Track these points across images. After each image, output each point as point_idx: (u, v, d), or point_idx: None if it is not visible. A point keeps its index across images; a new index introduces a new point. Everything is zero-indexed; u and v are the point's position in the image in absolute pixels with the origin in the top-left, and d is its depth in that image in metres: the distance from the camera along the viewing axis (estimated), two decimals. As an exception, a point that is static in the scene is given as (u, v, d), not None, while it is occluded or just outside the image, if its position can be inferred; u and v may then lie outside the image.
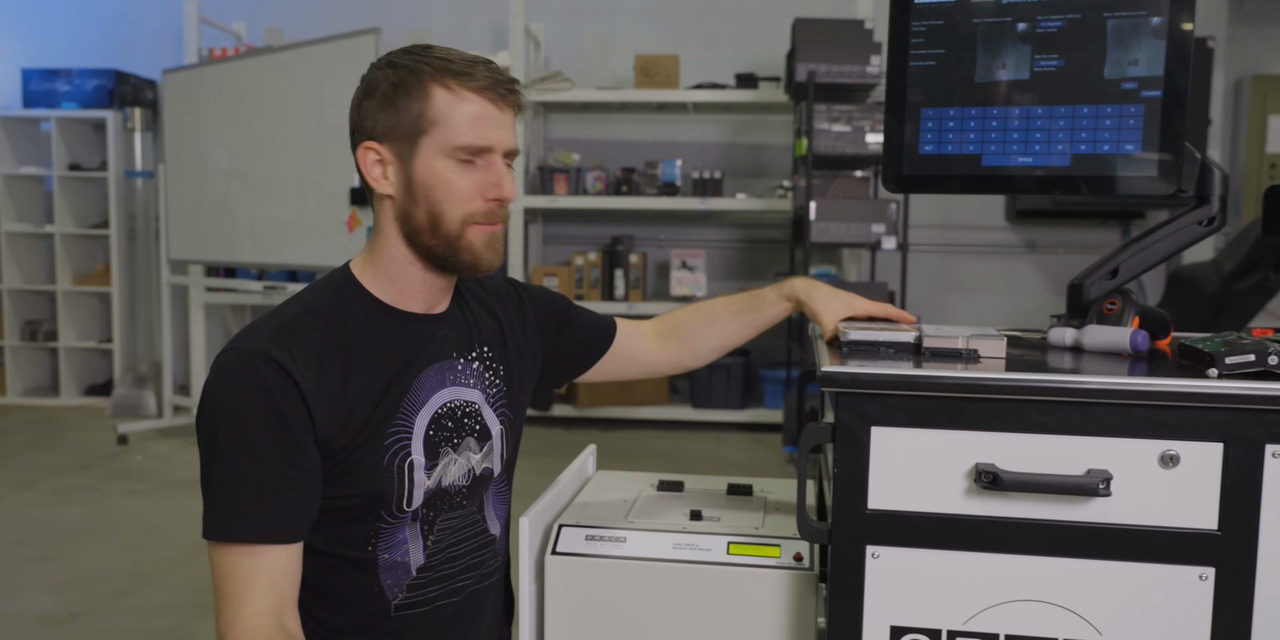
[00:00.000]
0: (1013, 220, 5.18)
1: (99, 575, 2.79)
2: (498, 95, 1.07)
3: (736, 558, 1.12)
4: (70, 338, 5.45)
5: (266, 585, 1.00)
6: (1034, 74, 1.21)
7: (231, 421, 1.01)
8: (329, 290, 1.12)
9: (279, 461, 1.01)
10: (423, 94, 1.06)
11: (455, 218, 1.08)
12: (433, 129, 1.06)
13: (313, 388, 1.03)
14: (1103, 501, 0.96)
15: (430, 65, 1.06)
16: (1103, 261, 1.25)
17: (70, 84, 5.40)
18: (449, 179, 1.07)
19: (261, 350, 1.02)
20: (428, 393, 1.12)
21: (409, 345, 1.12)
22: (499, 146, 1.08)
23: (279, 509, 1.01)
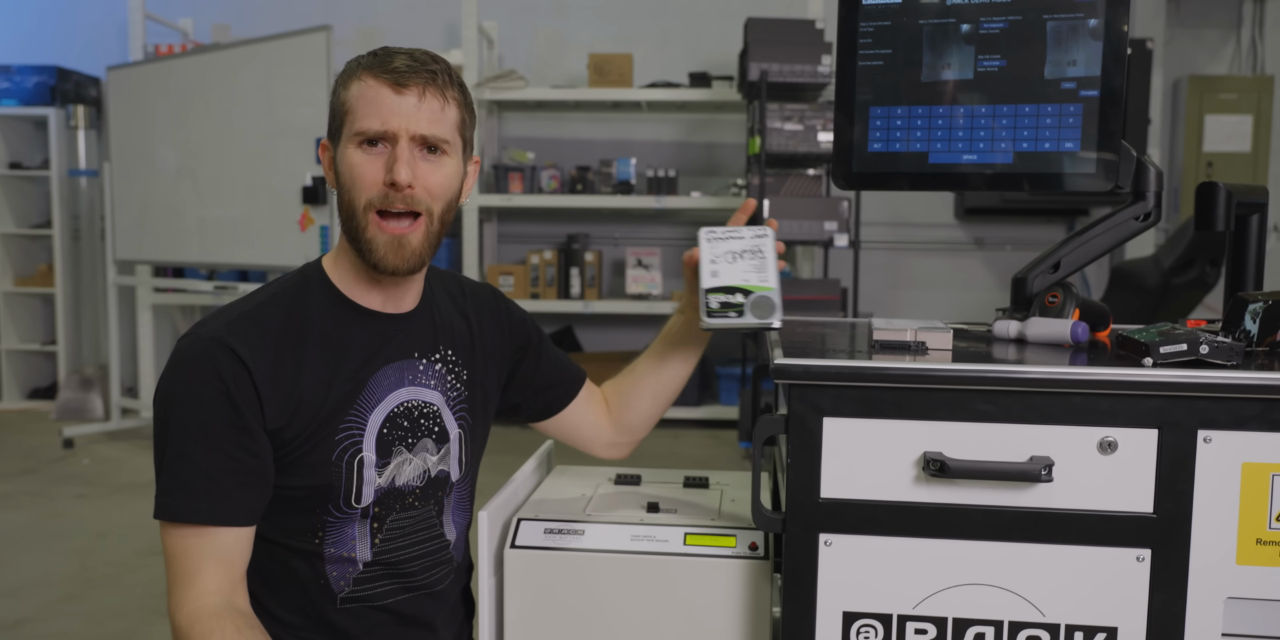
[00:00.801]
0: (962, 218, 5.28)
1: (46, 580, 2.74)
2: (394, 78, 1.05)
3: (693, 548, 1.14)
4: (12, 340, 5.32)
5: (215, 565, 1.02)
6: (977, 74, 1.24)
7: (184, 405, 1.03)
8: (296, 282, 1.13)
9: (229, 445, 1.02)
10: (344, 87, 1.09)
11: (359, 203, 1.07)
12: (346, 118, 1.08)
13: (265, 376, 1.04)
14: (1045, 487, 0.99)
15: (360, 61, 1.09)
16: (1044, 256, 1.29)
17: (10, 81, 5.26)
18: (353, 164, 1.07)
19: (218, 337, 1.04)
20: (384, 391, 1.12)
21: (368, 342, 1.12)
22: (399, 130, 1.05)
23: (228, 492, 1.02)
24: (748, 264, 1.14)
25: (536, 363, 1.31)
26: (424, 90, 1.06)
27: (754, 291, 1.11)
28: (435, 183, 1.08)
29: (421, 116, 1.06)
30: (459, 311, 1.24)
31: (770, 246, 1.15)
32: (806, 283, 4.28)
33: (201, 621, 0.99)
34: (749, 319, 1.10)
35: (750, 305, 1.11)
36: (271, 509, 1.07)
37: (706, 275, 1.13)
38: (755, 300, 1.11)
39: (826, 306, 4.06)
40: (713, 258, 1.14)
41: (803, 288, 4.21)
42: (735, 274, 1.12)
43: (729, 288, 1.11)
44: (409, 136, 1.06)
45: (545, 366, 1.32)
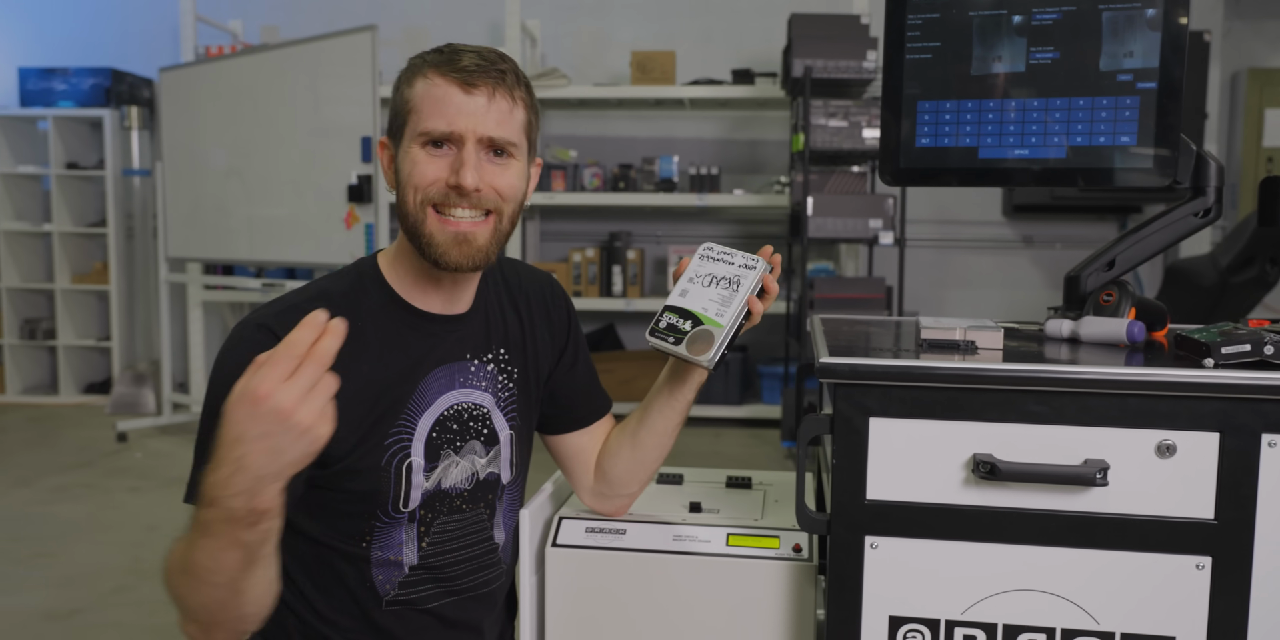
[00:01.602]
0: (1010, 215, 5.19)
1: (99, 572, 2.79)
2: (461, 79, 1.02)
3: (736, 549, 1.12)
4: (69, 336, 5.44)
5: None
6: (1030, 66, 1.21)
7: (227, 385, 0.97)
8: (350, 280, 1.11)
9: None
10: (408, 85, 1.05)
11: (415, 200, 1.05)
12: (410, 117, 1.05)
13: None
14: (1100, 491, 0.97)
15: (426, 58, 1.05)
16: (1099, 253, 1.26)
17: (67, 83, 5.39)
18: (417, 162, 1.04)
19: (265, 323, 1.02)
20: (434, 395, 1.10)
21: (419, 345, 1.10)
22: (466, 132, 1.02)
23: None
24: (717, 293, 1.08)
25: (570, 371, 1.26)
26: (493, 91, 1.02)
27: (703, 323, 1.06)
28: (504, 184, 1.05)
29: (490, 118, 1.02)
30: (512, 304, 1.21)
31: (750, 281, 1.08)
32: (851, 281, 4.23)
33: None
34: (681, 350, 1.05)
35: (690, 337, 1.05)
36: (321, 512, 1.06)
37: (676, 291, 1.09)
38: (697, 333, 1.05)
39: (871, 305, 4.02)
40: (694, 275, 1.10)
41: (847, 286, 4.16)
42: (699, 299, 1.08)
43: (684, 311, 1.07)
44: (476, 138, 1.03)
45: (576, 379, 1.26)
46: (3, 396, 5.42)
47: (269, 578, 0.93)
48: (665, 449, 1.18)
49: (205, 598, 0.90)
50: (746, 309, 1.07)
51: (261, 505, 0.83)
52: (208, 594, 0.90)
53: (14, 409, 5.27)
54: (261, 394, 0.79)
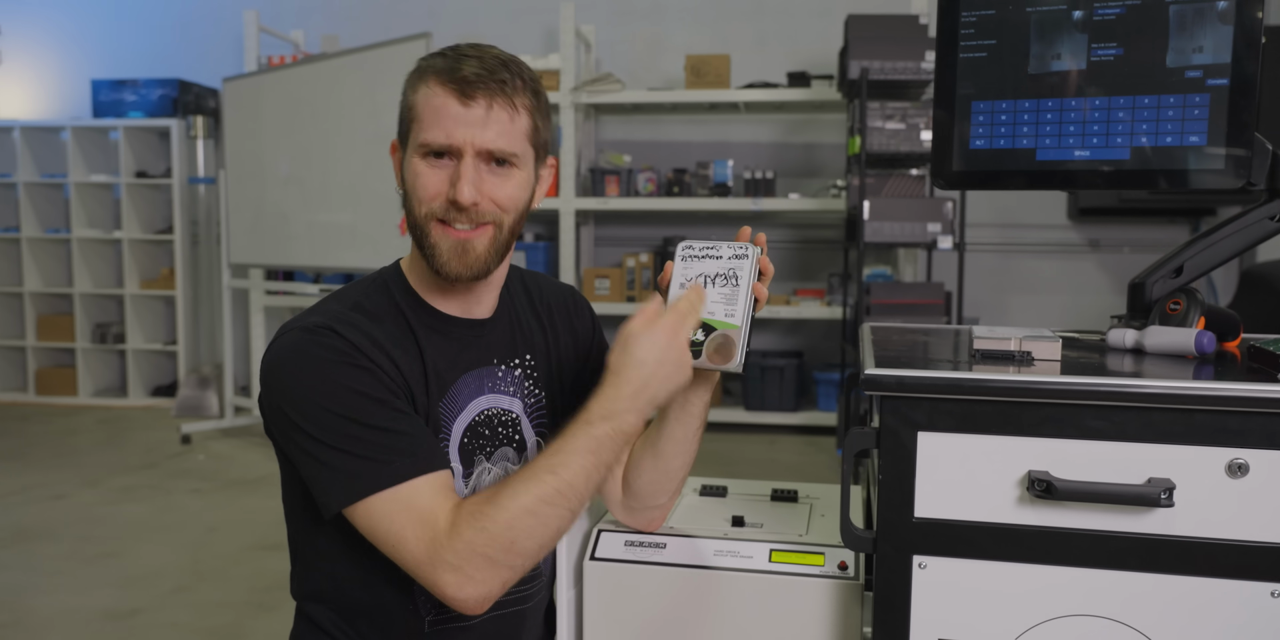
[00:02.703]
0: (1075, 218, 5.04)
1: (160, 572, 2.85)
2: (460, 89, 0.99)
3: (779, 565, 1.09)
4: (138, 340, 5.60)
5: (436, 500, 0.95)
6: (1091, 63, 1.16)
7: (326, 384, 0.97)
8: (377, 287, 1.10)
9: (389, 399, 0.98)
10: (413, 90, 1.04)
11: (420, 213, 1.04)
12: (412, 125, 1.04)
13: (381, 358, 1.01)
14: (1165, 512, 0.91)
15: (431, 62, 1.04)
16: (1166, 259, 1.20)
17: (137, 94, 5.55)
18: (417, 174, 1.03)
19: (324, 324, 1.01)
20: (465, 399, 1.10)
21: (448, 349, 1.10)
22: (464, 145, 1.00)
23: (418, 438, 0.97)
24: (718, 292, 1.01)
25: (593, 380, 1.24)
26: (491, 102, 1.00)
27: (716, 328, 1.00)
28: (503, 196, 1.04)
29: (489, 131, 1.01)
30: (534, 314, 1.20)
31: (748, 271, 1.01)
32: (909, 286, 4.15)
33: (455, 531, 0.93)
34: (703, 362, 1.00)
35: (708, 346, 0.99)
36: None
37: (671, 299, 1.02)
38: (715, 340, 0.99)
39: (929, 311, 3.93)
40: (684, 280, 1.02)
41: (905, 292, 4.08)
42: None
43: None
44: (474, 151, 1.01)
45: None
46: (75, 399, 5.59)
47: None
48: (688, 456, 1.14)
49: (553, 529, 0.95)
50: (754, 298, 1.02)
51: (641, 428, 0.99)
52: (559, 523, 0.95)
53: (86, 411, 5.43)
54: (672, 329, 0.98)
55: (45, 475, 3.98)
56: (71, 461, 4.25)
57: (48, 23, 6.02)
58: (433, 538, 0.92)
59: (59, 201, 5.76)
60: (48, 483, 3.86)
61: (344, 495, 0.95)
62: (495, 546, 0.91)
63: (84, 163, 5.57)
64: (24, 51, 6.06)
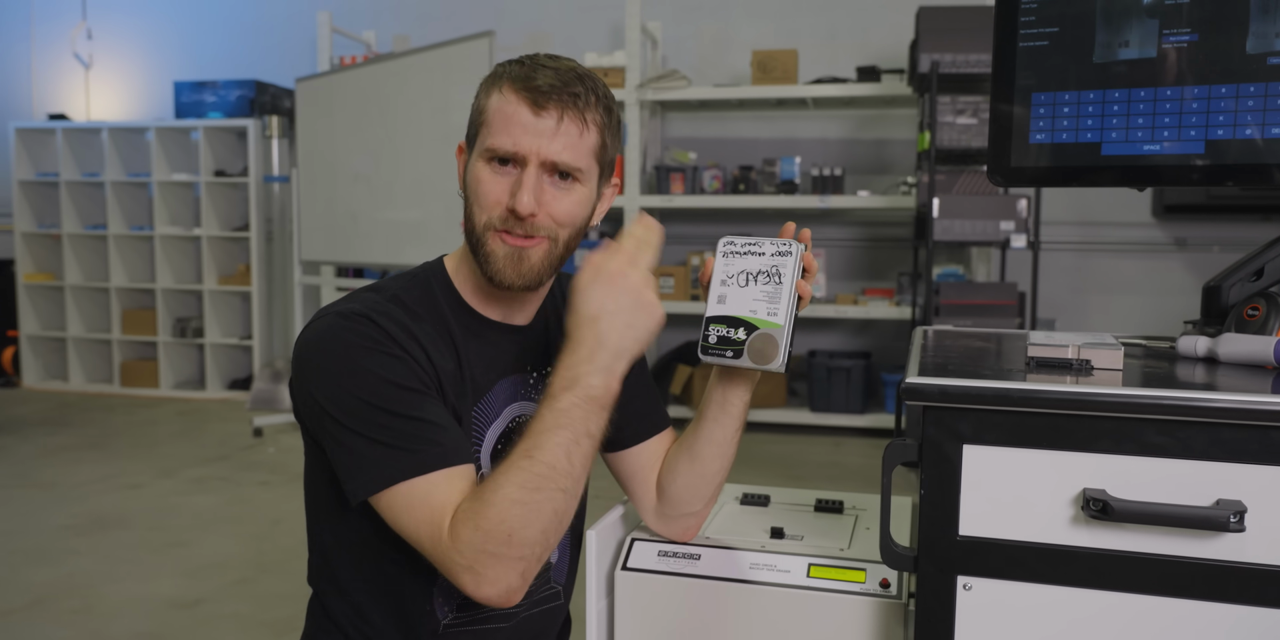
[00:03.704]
0: (1160, 216, 4.83)
1: (225, 563, 2.91)
2: (531, 97, 0.98)
3: (817, 581, 1.04)
4: (215, 334, 5.75)
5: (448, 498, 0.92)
6: (1162, 51, 1.08)
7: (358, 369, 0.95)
8: (418, 283, 1.08)
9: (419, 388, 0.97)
10: (485, 95, 1.03)
11: (479, 221, 1.02)
12: (481, 129, 1.02)
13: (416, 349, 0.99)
14: (1234, 537, 0.84)
15: (507, 69, 1.02)
16: (1245, 260, 1.11)
17: (216, 95, 5.70)
18: (480, 180, 1.01)
19: (360, 312, 0.99)
20: (500, 405, 1.08)
21: (486, 354, 1.08)
22: (530, 154, 0.98)
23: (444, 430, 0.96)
24: (760, 290, 0.98)
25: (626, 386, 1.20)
26: (563, 114, 0.98)
27: (758, 327, 0.97)
28: (561, 210, 1.01)
29: (556, 142, 0.99)
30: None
31: (791, 269, 0.98)
32: (980, 286, 4.02)
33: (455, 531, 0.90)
34: (744, 361, 0.96)
35: (750, 346, 0.96)
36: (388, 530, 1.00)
37: (712, 300, 0.99)
38: (756, 340, 0.96)
39: (1001, 312, 3.80)
40: (725, 277, 0.99)
41: (976, 292, 3.95)
42: (743, 302, 0.98)
43: (732, 319, 0.98)
44: (539, 161, 0.99)
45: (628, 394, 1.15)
46: (157, 391, 5.78)
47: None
48: (726, 460, 1.10)
49: (548, 512, 0.89)
50: (797, 296, 0.98)
51: (614, 387, 0.93)
52: (553, 505, 0.89)
53: (166, 403, 5.60)
54: (616, 272, 0.93)
55: (125, 465, 4.11)
56: (150, 452, 4.39)
57: (133, 27, 6.23)
58: (441, 540, 0.90)
59: (143, 199, 5.96)
60: (126, 472, 3.98)
61: (370, 483, 0.94)
62: (495, 541, 0.88)
63: (166, 162, 5.74)
64: (112, 55, 6.28)
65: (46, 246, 6.07)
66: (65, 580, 2.75)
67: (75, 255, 5.90)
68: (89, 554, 2.98)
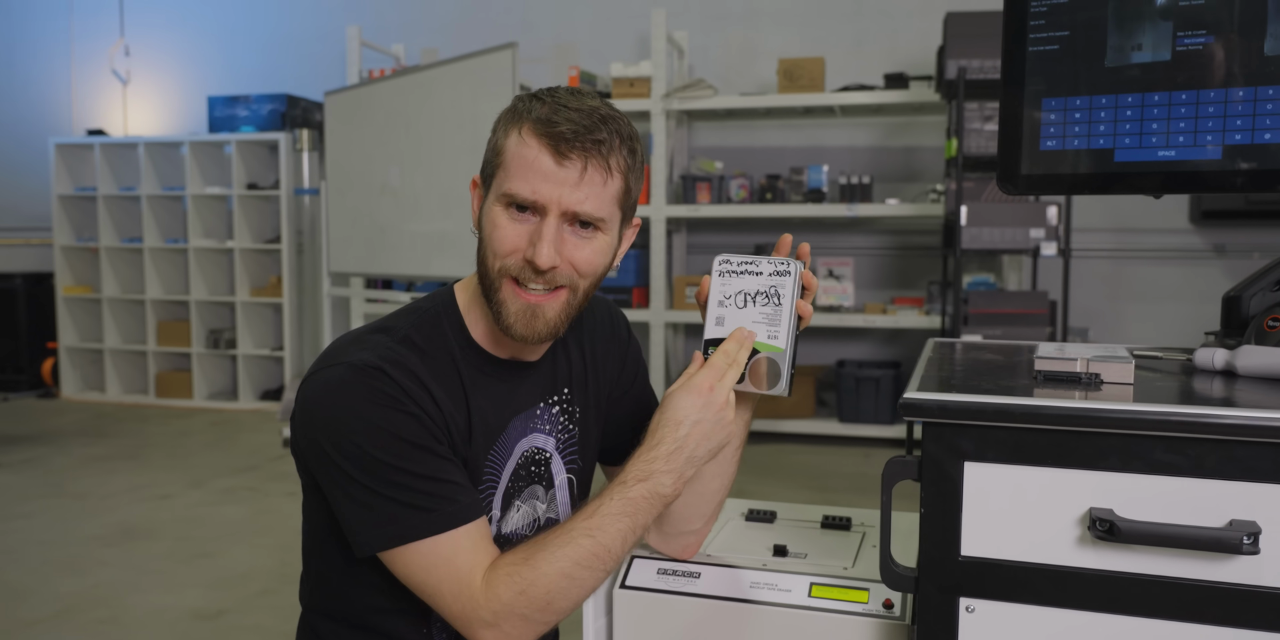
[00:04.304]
0: (1198, 222, 4.73)
1: (249, 574, 2.93)
2: (553, 145, 0.94)
3: (818, 601, 1.01)
4: (248, 345, 5.82)
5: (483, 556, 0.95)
6: (1176, 54, 1.05)
7: (371, 426, 0.94)
8: (429, 320, 1.04)
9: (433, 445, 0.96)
10: (504, 133, 0.99)
11: (494, 266, 0.99)
12: (498, 172, 0.98)
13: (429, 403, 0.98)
14: (1249, 560, 0.80)
15: (526, 106, 0.98)
16: (1267, 269, 1.07)
17: (248, 109, 5.78)
18: (498, 225, 0.98)
19: (373, 364, 0.96)
20: (513, 443, 1.06)
21: (498, 394, 1.05)
22: (550, 204, 0.95)
23: (461, 487, 0.96)
24: (759, 311, 0.96)
25: (623, 398, 1.19)
26: (586, 163, 0.95)
27: (759, 351, 0.95)
28: (582, 260, 0.98)
29: (579, 192, 0.95)
30: (575, 340, 1.15)
31: (790, 289, 0.96)
32: (1010, 295, 3.95)
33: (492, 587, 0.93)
34: (745, 386, 0.96)
35: (751, 370, 0.95)
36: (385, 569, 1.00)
37: (710, 321, 0.97)
38: (758, 364, 0.95)
39: (1032, 322, 3.73)
40: (722, 298, 0.98)
41: (1005, 301, 3.89)
42: (742, 324, 0.96)
43: None
44: (560, 211, 0.96)
45: (631, 406, 1.19)
46: (191, 401, 5.85)
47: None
48: (727, 478, 1.08)
49: (589, 589, 0.95)
50: (798, 316, 0.97)
51: (680, 489, 0.96)
52: (595, 583, 0.95)
53: (199, 413, 5.67)
54: (705, 387, 0.95)
55: (156, 475, 4.16)
56: (181, 462, 4.43)
57: (169, 44, 6.34)
58: (470, 597, 0.93)
59: (178, 213, 6.05)
60: (158, 482, 4.03)
61: (384, 539, 0.94)
62: (532, 608, 0.93)
63: (200, 176, 5.83)
64: (149, 72, 6.40)
65: (85, 260, 6.18)
66: (92, 590, 2.78)
67: (112, 268, 6.01)
68: (117, 564, 3.01)
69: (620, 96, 4.84)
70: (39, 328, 6.18)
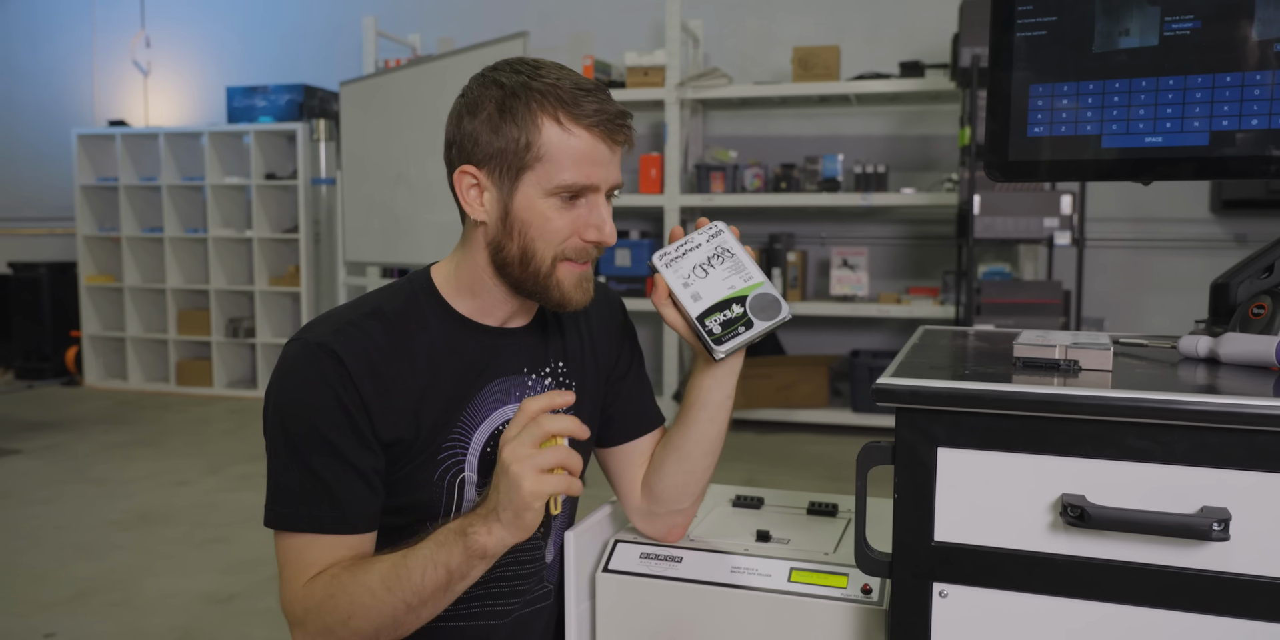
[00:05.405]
0: (1219, 211, 4.67)
1: (261, 559, 2.97)
2: (608, 132, 0.99)
3: (797, 586, 1.02)
4: (266, 334, 5.87)
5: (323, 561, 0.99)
6: (1164, 39, 1.04)
7: (294, 409, 0.99)
8: (404, 295, 1.08)
9: (345, 450, 0.99)
10: (531, 125, 0.98)
11: (548, 255, 1.01)
12: (537, 165, 0.99)
13: (370, 387, 1.00)
14: (1219, 546, 0.80)
15: (540, 91, 0.98)
16: (1255, 256, 1.07)
17: (267, 99, 5.82)
18: (548, 217, 1.00)
19: (324, 342, 0.99)
20: (489, 409, 1.07)
21: (476, 359, 1.07)
22: (603, 184, 1.01)
23: (346, 498, 0.99)
24: (722, 269, 1.03)
25: (620, 382, 1.20)
26: (627, 141, 1.02)
27: (748, 294, 1.01)
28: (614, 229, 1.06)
29: (617, 169, 1.03)
30: (573, 318, 1.17)
31: (732, 241, 1.04)
32: (1024, 285, 3.92)
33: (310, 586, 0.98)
34: (759, 327, 0.99)
35: (752, 310, 1.00)
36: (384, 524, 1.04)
37: (688, 301, 1.01)
38: (755, 302, 1.00)
39: (1045, 311, 3.70)
40: (683, 281, 1.02)
41: (1019, 290, 3.86)
42: (717, 286, 1.02)
43: (719, 303, 1.01)
44: (607, 188, 1.02)
45: (625, 390, 1.19)
46: (211, 389, 5.92)
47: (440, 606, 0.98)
48: (714, 456, 1.10)
49: (387, 616, 0.95)
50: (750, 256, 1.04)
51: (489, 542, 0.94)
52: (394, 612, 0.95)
53: (219, 401, 5.74)
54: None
55: (175, 462, 4.22)
56: (200, 449, 4.49)
57: (190, 35, 6.39)
58: (293, 591, 0.98)
59: (197, 203, 6.11)
60: (176, 469, 4.09)
61: (273, 518, 1.00)
62: (336, 616, 0.95)
63: (219, 166, 5.88)
64: (169, 63, 6.46)
65: (107, 249, 6.26)
66: (107, 574, 2.83)
67: (134, 257, 6.08)
68: (132, 549, 3.06)
69: (635, 85, 4.83)
70: (63, 316, 6.27)
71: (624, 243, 5.04)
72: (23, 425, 5.00)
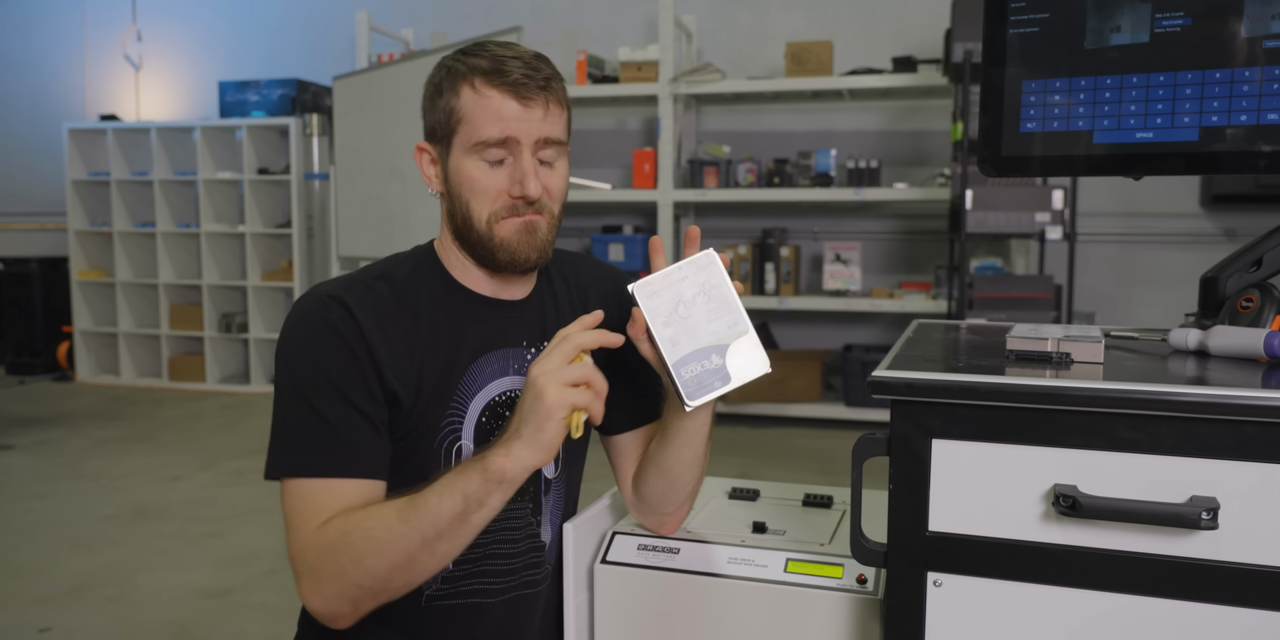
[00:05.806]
0: (1209, 206, 4.69)
1: (256, 553, 2.97)
2: (514, 88, 1.03)
3: (794, 576, 1.03)
4: (259, 329, 5.87)
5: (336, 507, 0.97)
6: (1155, 36, 1.05)
7: (303, 358, 1.01)
8: (409, 264, 1.12)
9: (354, 397, 1.00)
10: (453, 93, 1.05)
11: (482, 217, 1.06)
12: (459, 127, 1.05)
13: (377, 339, 1.03)
14: (1208, 535, 0.81)
15: (465, 64, 1.05)
16: (1244, 250, 1.08)
17: (259, 94, 5.81)
18: (474, 177, 1.05)
19: (335, 294, 1.04)
20: (486, 379, 1.09)
21: (475, 329, 1.10)
22: (523, 137, 1.03)
23: (355, 443, 0.99)
24: (705, 310, 0.93)
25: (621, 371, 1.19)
26: (546, 101, 1.05)
27: (729, 344, 0.92)
28: (554, 186, 1.08)
29: (544, 125, 1.05)
30: (576, 296, 1.19)
31: (720, 276, 0.95)
32: (1015, 279, 3.94)
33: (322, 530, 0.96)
34: (736, 381, 0.92)
35: (731, 364, 0.92)
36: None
37: (665, 346, 0.92)
38: (735, 355, 0.92)
39: (1037, 306, 3.72)
40: (665, 320, 0.93)
41: (1011, 285, 3.88)
42: (699, 331, 0.92)
43: (699, 351, 0.92)
44: (531, 142, 1.04)
45: (627, 375, 1.19)
46: (203, 385, 5.91)
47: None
48: (695, 471, 1.09)
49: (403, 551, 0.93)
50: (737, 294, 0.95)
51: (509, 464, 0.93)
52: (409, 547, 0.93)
53: (212, 396, 5.73)
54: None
55: (169, 457, 4.21)
56: (193, 444, 4.49)
57: (181, 29, 6.36)
58: (301, 534, 0.96)
59: (190, 197, 6.09)
60: (170, 464, 4.08)
61: (280, 467, 1.00)
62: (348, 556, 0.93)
63: (212, 160, 5.86)
64: (161, 57, 6.43)
65: (98, 244, 6.23)
66: (102, 569, 2.83)
67: (125, 252, 6.06)
68: (127, 544, 3.06)
69: (628, 80, 4.83)
70: (54, 312, 6.25)
71: (617, 237, 5.04)
72: (15, 421, 4.99)
